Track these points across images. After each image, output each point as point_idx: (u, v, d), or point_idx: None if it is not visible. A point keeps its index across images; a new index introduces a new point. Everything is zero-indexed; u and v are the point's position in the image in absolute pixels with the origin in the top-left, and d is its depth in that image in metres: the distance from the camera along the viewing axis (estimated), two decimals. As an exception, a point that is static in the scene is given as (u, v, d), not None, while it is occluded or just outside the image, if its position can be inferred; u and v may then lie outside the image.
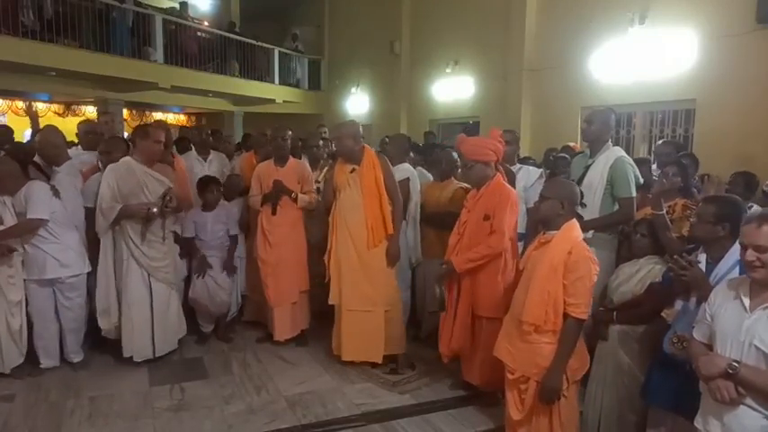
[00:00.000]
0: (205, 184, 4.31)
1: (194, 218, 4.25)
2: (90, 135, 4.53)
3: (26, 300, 3.67)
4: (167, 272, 3.93)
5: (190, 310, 4.36)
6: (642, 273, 2.83)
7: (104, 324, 3.83)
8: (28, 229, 3.58)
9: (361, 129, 3.94)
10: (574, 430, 2.67)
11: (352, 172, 3.82)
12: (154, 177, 3.83)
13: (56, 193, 3.68)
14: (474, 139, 3.42)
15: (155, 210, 3.73)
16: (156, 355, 3.93)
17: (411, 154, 4.99)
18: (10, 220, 3.55)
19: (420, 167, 4.77)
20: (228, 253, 4.33)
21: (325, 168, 3.77)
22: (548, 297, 2.46)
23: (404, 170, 4.33)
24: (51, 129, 4.05)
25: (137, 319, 3.82)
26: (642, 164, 3.96)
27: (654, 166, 4.70)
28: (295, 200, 4.21)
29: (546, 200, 2.60)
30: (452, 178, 4.26)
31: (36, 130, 4.53)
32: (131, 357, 3.88)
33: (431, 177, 4.58)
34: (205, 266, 4.21)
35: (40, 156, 3.95)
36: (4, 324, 3.56)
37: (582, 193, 2.69)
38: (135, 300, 3.81)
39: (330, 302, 3.89)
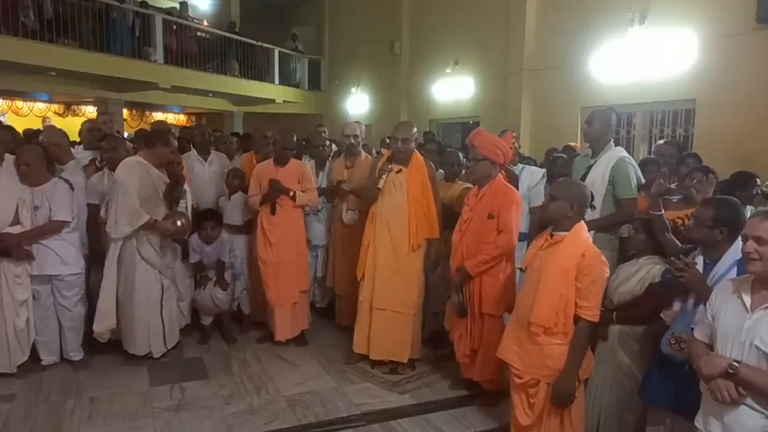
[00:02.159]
0: (204, 219, 4.31)
1: (197, 248, 4.29)
2: (93, 132, 4.58)
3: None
4: (172, 268, 4.02)
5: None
6: (642, 273, 2.82)
7: (100, 327, 3.75)
8: (53, 230, 3.61)
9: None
10: (582, 428, 2.65)
11: (398, 173, 3.78)
12: (162, 180, 3.92)
13: (72, 189, 3.72)
14: (489, 136, 3.41)
15: (179, 223, 3.80)
16: (168, 348, 4.03)
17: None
18: (27, 218, 3.55)
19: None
20: (218, 274, 4.36)
21: (387, 173, 3.72)
22: (559, 299, 2.43)
23: None
24: (54, 128, 4.14)
25: (152, 318, 3.89)
26: (650, 163, 3.96)
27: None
28: (293, 198, 4.19)
29: (555, 200, 2.55)
30: (457, 179, 4.28)
31: None
32: (131, 356, 3.91)
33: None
34: (206, 282, 4.33)
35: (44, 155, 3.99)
36: (11, 324, 3.55)
37: (593, 195, 2.67)
38: (151, 299, 3.87)
39: (363, 299, 3.86)
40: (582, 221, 2.57)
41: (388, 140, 5.63)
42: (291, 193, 4.17)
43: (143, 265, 3.82)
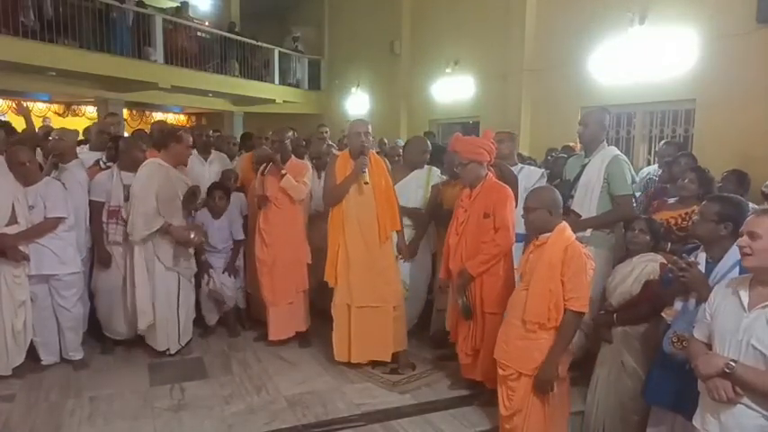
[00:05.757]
0: (213, 191, 4.33)
1: (204, 224, 4.28)
2: (102, 135, 4.66)
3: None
4: (188, 267, 4.06)
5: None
6: (637, 272, 2.84)
7: (142, 324, 3.88)
8: (50, 228, 3.61)
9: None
10: (565, 428, 2.70)
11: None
12: (183, 181, 3.96)
13: (64, 188, 3.73)
14: (468, 139, 3.50)
15: (193, 236, 3.85)
16: (182, 345, 4.11)
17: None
18: (23, 217, 3.55)
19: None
20: (231, 257, 4.37)
21: (366, 165, 3.71)
22: (549, 294, 2.52)
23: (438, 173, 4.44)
24: (67, 130, 4.32)
25: (170, 315, 3.96)
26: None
27: (655, 167, 4.71)
28: (282, 176, 4.06)
29: (534, 210, 2.65)
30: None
31: (31, 129, 4.55)
32: (132, 356, 3.98)
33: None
34: (207, 269, 4.30)
35: (55, 153, 4.03)
36: (9, 325, 3.54)
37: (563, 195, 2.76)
38: (170, 297, 3.94)
39: (339, 302, 3.84)
40: (563, 221, 2.66)
41: (386, 141, 5.65)
42: (283, 172, 4.08)
43: (156, 266, 3.87)
